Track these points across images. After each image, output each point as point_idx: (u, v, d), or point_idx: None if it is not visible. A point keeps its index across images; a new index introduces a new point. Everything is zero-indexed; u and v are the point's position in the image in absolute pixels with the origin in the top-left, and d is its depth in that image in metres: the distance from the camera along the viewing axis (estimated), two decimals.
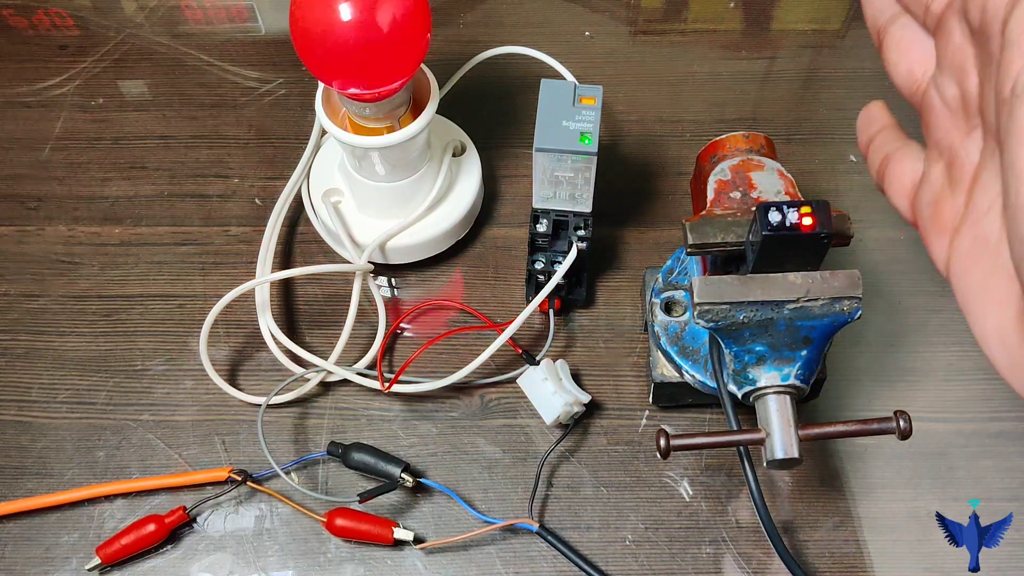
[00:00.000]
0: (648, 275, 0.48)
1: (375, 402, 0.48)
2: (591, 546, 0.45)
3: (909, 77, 0.32)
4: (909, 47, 0.32)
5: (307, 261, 0.53)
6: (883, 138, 0.35)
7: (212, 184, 0.56)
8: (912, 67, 0.31)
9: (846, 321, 0.37)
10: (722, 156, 0.43)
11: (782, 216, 0.34)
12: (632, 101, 0.59)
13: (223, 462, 0.47)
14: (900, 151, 0.33)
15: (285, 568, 0.44)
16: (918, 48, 0.31)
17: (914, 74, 0.31)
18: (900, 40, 0.32)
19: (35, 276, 0.53)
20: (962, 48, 0.28)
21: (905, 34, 0.32)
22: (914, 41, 0.31)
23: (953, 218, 0.29)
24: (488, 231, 0.54)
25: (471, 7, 0.64)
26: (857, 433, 0.38)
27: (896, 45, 0.32)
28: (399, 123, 0.47)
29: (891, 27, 0.32)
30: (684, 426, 0.48)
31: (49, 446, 0.47)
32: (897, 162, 0.33)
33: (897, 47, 0.32)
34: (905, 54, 0.32)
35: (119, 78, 0.61)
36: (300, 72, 0.60)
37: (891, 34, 0.32)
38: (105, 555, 0.43)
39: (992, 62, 0.26)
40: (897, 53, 0.32)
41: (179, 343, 0.50)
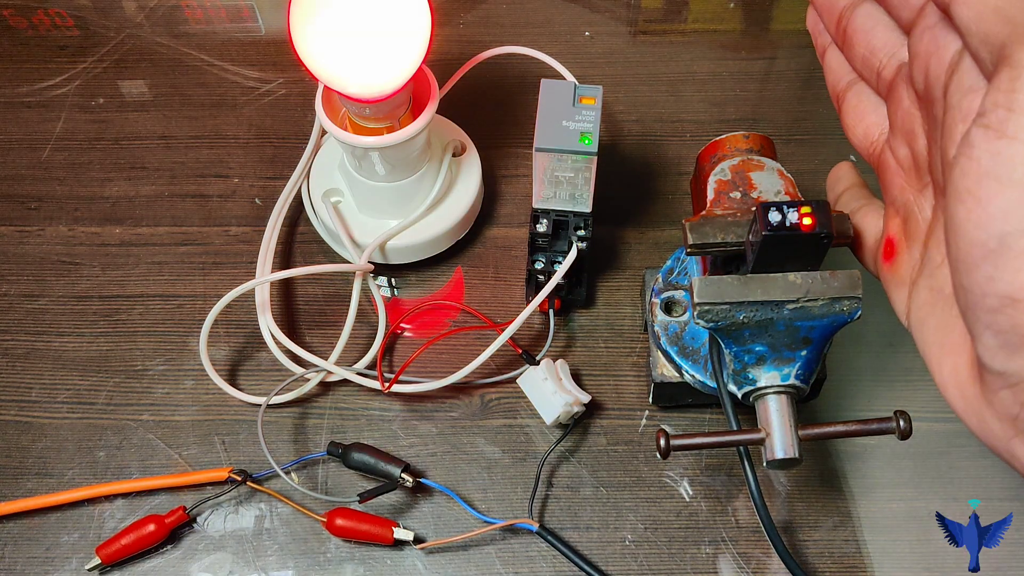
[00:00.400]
0: (648, 275, 0.48)
1: (375, 402, 0.48)
2: (591, 546, 0.45)
3: (866, 139, 0.34)
4: (864, 112, 0.34)
5: (307, 261, 0.53)
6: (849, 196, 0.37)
7: (212, 184, 0.56)
8: (868, 130, 0.34)
9: (846, 321, 0.37)
10: (722, 156, 0.43)
11: (782, 216, 0.34)
12: (632, 101, 0.59)
13: (223, 462, 0.47)
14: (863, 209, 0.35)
15: (285, 568, 0.44)
16: (872, 112, 0.33)
17: (870, 136, 0.34)
18: (856, 106, 0.34)
19: (35, 276, 0.53)
20: (910, 112, 0.30)
21: (860, 100, 0.34)
22: (868, 106, 0.34)
23: (911, 271, 0.31)
24: (488, 231, 0.54)
25: (471, 7, 0.64)
26: (857, 433, 0.38)
27: (853, 110, 0.34)
28: (399, 123, 0.47)
29: (848, 93, 0.34)
30: (684, 426, 0.48)
31: (49, 446, 0.47)
32: (861, 218, 0.35)
33: (854, 112, 0.34)
34: (861, 118, 0.34)
35: (119, 78, 0.61)
36: (300, 72, 0.60)
37: (848, 100, 0.34)
38: (105, 555, 0.43)
39: (937, 125, 0.28)
40: (854, 118, 0.34)
41: (179, 343, 0.50)
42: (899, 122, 0.31)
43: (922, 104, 0.30)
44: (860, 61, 0.33)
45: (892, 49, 0.31)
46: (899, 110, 0.31)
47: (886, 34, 0.32)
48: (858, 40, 0.33)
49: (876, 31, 0.32)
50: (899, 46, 0.31)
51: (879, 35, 0.32)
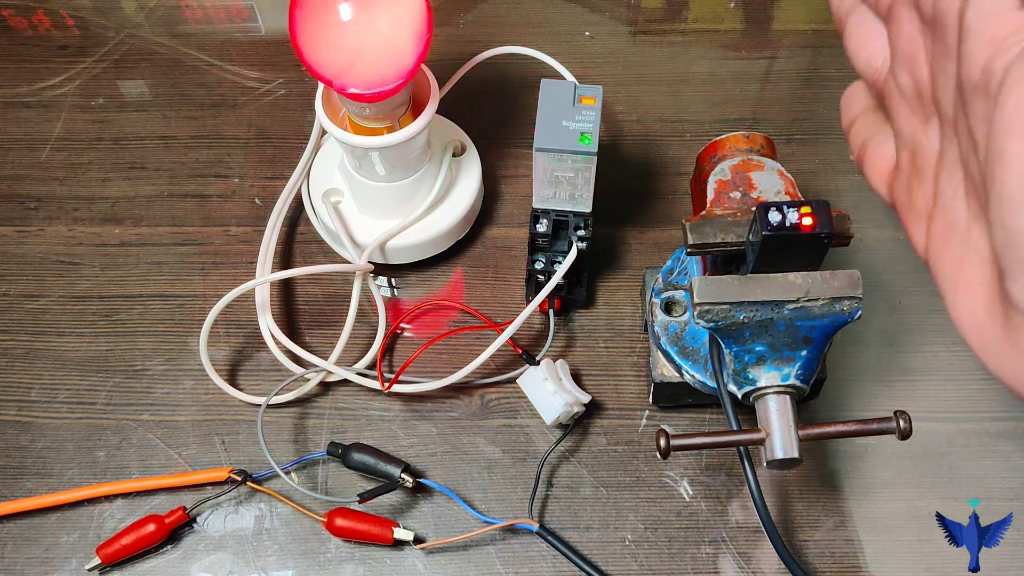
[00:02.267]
0: (648, 275, 0.48)
1: (375, 402, 0.48)
2: (591, 546, 0.45)
3: (869, 66, 0.32)
4: (867, 36, 0.32)
5: (307, 261, 0.53)
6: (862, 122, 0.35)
7: (212, 184, 0.56)
8: (871, 56, 0.32)
9: (846, 321, 0.37)
10: (722, 156, 0.43)
11: (782, 216, 0.34)
12: (632, 101, 0.59)
13: (223, 462, 0.47)
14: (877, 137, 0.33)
15: (285, 568, 0.44)
16: (875, 37, 0.32)
17: (873, 63, 0.32)
18: (858, 30, 0.32)
19: (35, 276, 0.53)
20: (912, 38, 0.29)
21: (862, 24, 0.32)
22: (870, 31, 0.32)
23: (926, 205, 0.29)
24: (488, 231, 0.54)
25: (471, 7, 0.64)
26: (857, 433, 0.38)
27: (855, 34, 0.32)
28: (399, 123, 0.47)
29: (850, 18, 0.33)
30: (684, 426, 0.48)
31: (49, 446, 0.47)
32: (874, 147, 0.33)
33: (856, 36, 0.32)
34: (863, 43, 0.32)
35: (119, 78, 0.61)
36: (300, 72, 0.60)
37: (850, 25, 0.33)
38: (105, 555, 0.43)
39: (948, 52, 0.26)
40: (856, 43, 0.32)
41: (179, 343, 0.50)
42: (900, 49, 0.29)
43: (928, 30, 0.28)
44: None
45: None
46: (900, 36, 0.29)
47: None
48: None
49: None
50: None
51: None
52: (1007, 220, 0.23)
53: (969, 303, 0.27)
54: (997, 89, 0.23)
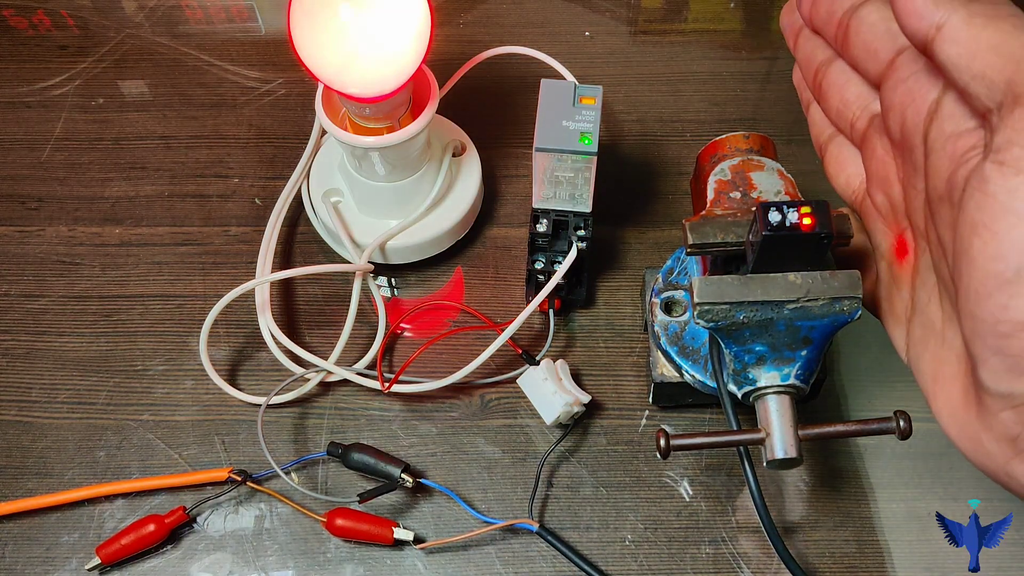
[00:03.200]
0: (648, 275, 0.48)
1: (375, 402, 0.48)
2: (591, 546, 0.45)
3: (847, 188, 0.36)
4: (844, 162, 0.36)
5: (307, 261, 0.53)
6: None
7: (212, 184, 0.56)
8: (849, 179, 0.36)
9: (846, 321, 0.37)
10: (722, 156, 0.43)
11: (782, 216, 0.34)
12: (632, 101, 0.59)
13: (223, 462, 0.47)
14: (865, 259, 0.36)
15: (285, 568, 0.44)
16: (851, 163, 0.35)
17: (851, 185, 0.35)
18: (836, 156, 0.36)
19: (36, 276, 0.53)
20: (884, 161, 0.32)
21: (840, 151, 0.36)
22: (848, 156, 0.35)
23: (904, 310, 0.33)
24: (488, 231, 0.54)
25: (471, 7, 0.64)
26: (857, 433, 0.38)
27: (834, 161, 0.36)
28: (399, 123, 0.47)
29: (829, 145, 0.36)
30: (684, 426, 0.48)
31: (49, 446, 0.47)
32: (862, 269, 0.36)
33: (835, 162, 0.36)
34: (842, 168, 0.36)
35: (119, 78, 0.61)
36: (300, 72, 0.60)
37: (829, 151, 0.36)
38: (105, 555, 0.43)
39: (916, 170, 0.29)
40: (835, 167, 0.36)
41: (179, 343, 0.50)
42: (874, 170, 0.33)
43: (898, 152, 0.31)
44: (835, 113, 0.35)
45: (864, 102, 0.33)
46: (873, 159, 0.33)
47: (858, 88, 0.33)
48: (832, 94, 0.34)
49: (848, 86, 0.34)
50: (870, 99, 0.33)
51: (851, 89, 0.34)
52: (974, 310, 0.25)
53: (947, 396, 0.29)
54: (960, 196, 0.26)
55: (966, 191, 0.26)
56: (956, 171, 0.26)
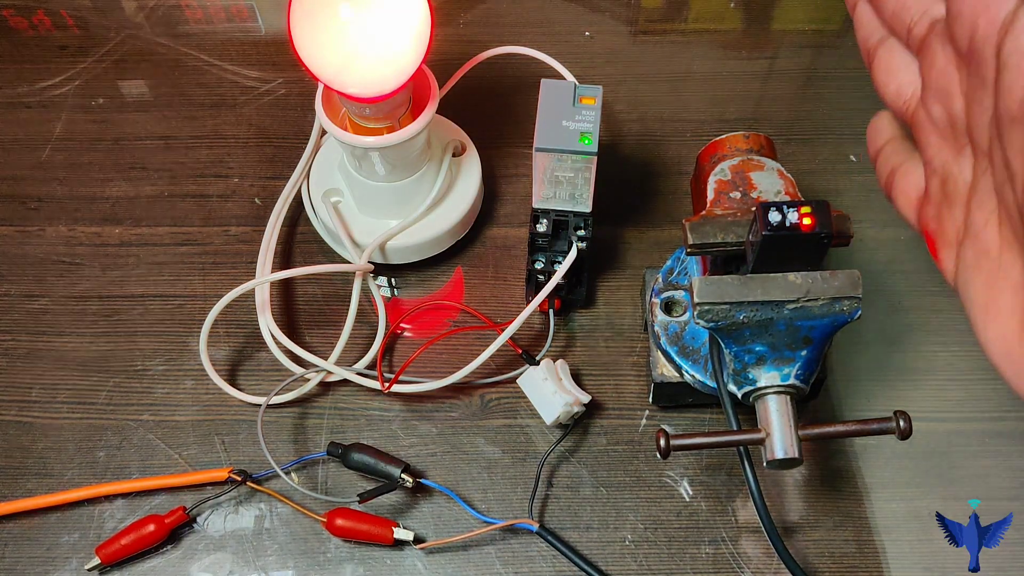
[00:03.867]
0: (648, 275, 0.48)
1: (375, 402, 0.48)
2: (591, 546, 0.45)
3: (898, 97, 0.33)
4: (896, 68, 0.33)
5: (307, 261, 0.53)
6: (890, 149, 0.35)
7: (212, 184, 0.56)
8: (900, 88, 0.33)
9: (846, 321, 0.37)
10: (722, 156, 0.43)
11: (782, 216, 0.34)
12: (632, 101, 0.59)
13: (223, 462, 0.47)
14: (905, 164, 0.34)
15: (285, 568, 0.44)
16: (905, 69, 0.32)
17: (903, 95, 0.33)
18: (888, 62, 0.33)
19: (36, 276, 0.53)
20: (946, 71, 0.29)
21: (892, 56, 0.33)
22: (901, 63, 0.33)
23: (956, 232, 0.30)
24: (488, 231, 0.54)
25: (471, 7, 0.64)
26: (857, 433, 0.38)
27: (884, 67, 0.33)
28: (399, 123, 0.47)
29: (879, 49, 0.33)
30: (684, 426, 0.48)
31: (49, 446, 0.47)
32: (903, 175, 0.34)
33: (885, 69, 0.33)
34: (893, 75, 0.33)
35: (119, 78, 0.61)
36: (300, 72, 0.60)
37: (879, 56, 0.33)
38: (105, 555, 0.43)
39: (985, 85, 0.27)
40: (886, 74, 0.33)
41: (179, 343, 0.50)
42: (933, 81, 0.30)
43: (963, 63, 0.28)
44: (890, 15, 0.32)
45: (925, 5, 0.31)
46: (933, 69, 0.30)
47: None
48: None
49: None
50: (932, 1, 0.30)
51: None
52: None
53: (1000, 329, 0.27)
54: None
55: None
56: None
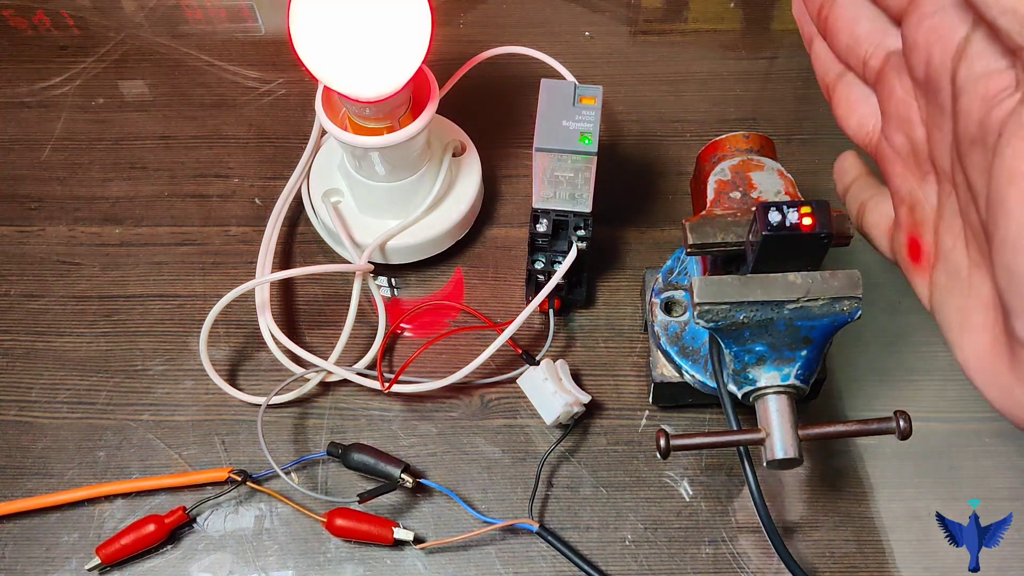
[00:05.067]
0: (648, 275, 0.48)
1: (375, 402, 0.48)
2: (591, 546, 0.45)
3: (860, 130, 0.34)
4: (855, 102, 0.34)
5: (307, 261, 0.53)
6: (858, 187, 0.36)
7: (212, 184, 0.56)
8: (861, 120, 0.33)
9: (846, 321, 0.37)
10: (722, 156, 0.43)
11: (782, 216, 0.34)
12: (632, 101, 0.59)
13: (223, 462, 0.47)
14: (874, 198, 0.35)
15: (285, 568, 0.44)
16: (864, 102, 0.33)
17: (864, 127, 0.33)
18: (847, 96, 0.34)
19: (36, 276, 0.53)
20: (904, 101, 0.30)
21: (850, 90, 0.34)
22: (859, 96, 0.33)
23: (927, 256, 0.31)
24: (488, 231, 0.54)
25: (471, 7, 0.64)
26: (857, 433, 0.38)
27: (844, 101, 0.34)
28: (399, 123, 0.47)
29: (838, 84, 0.34)
30: (684, 426, 0.48)
31: (49, 446, 0.47)
32: (872, 208, 0.35)
33: (845, 103, 0.34)
34: (853, 109, 0.34)
35: (119, 78, 0.61)
36: (300, 72, 0.60)
37: (838, 91, 0.34)
38: (105, 555, 0.43)
39: (943, 111, 0.28)
40: (846, 108, 0.34)
41: (179, 343, 0.50)
42: (893, 111, 0.31)
43: (921, 92, 0.29)
44: (845, 51, 0.33)
45: (877, 38, 0.31)
46: (892, 99, 0.31)
47: (870, 23, 0.31)
48: (840, 29, 0.32)
49: (859, 20, 0.32)
50: (884, 35, 0.31)
51: (862, 24, 0.31)
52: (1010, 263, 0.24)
53: (974, 345, 0.28)
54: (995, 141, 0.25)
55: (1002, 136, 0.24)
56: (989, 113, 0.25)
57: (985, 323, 0.28)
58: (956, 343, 0.29)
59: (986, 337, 0.27)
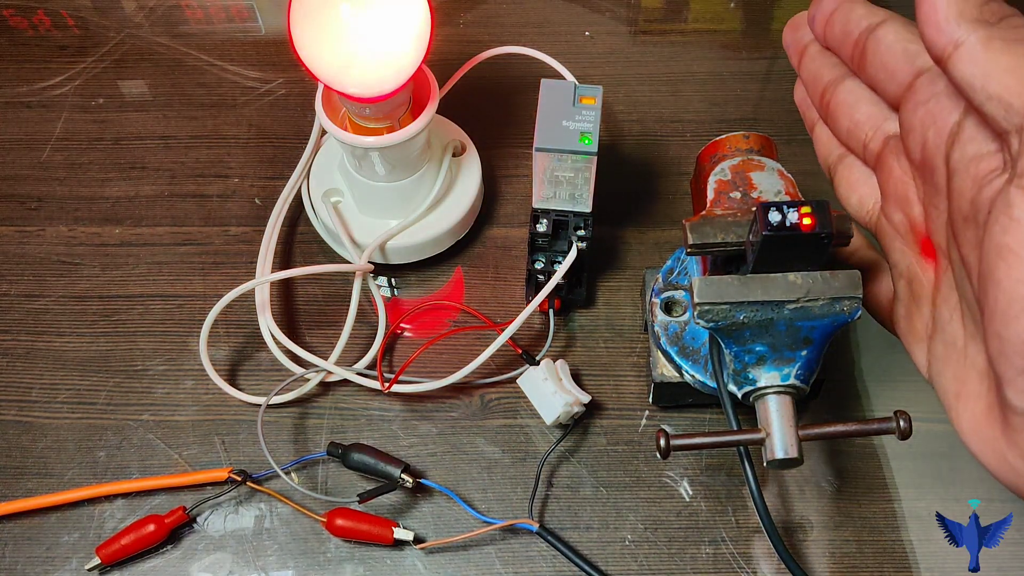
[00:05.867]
0: (648, 275, 0.48)
1: (375, 402, 0.48)
2: (591, 546, 0.45)
3: (861, 208, 0.35)
4: (856, 183, 0.35)
5: (307, 261, 0.53)
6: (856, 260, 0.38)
7: (212, 184, 0.56)
8: (862, 200, 0.35)
9: (846, 321, 0.37)
10: (722, 156, 0.43)
11: (782, 216, 0.34)
12: (632, 101, 0.59)
13: (223, 462, 0.47)
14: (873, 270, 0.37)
15: (285, 568, 0.44)
16: (864, 183, 0.35)
17: (864, 206, 0.35)
18: (847, 177, 0.36)
19: (36, 276, 0.53)
20: (903, 181, 0.32)
21: (851, 171, 0.35)
22: (860, 177, 0.35)
23: (925, 328, 0.32)
24: (488, 231, 0.54)
25: (471, 7, 0.64)
26: (857, 433, 0.38)
27: (845, 182, 0.36)
28: (399, 123, 0.47)
29: (839, 166, 0.36)
30: (684, 426, 0.48)
31: (49, 446, 0.47)
32: (872, 281, 0.36)
33: (846, 183, 0.36)
34: (854, 189, 0.35)
35: (119, 78, 0.61)
36: (300, 72, 0.60)
37: (839, 172, 0.36)
38: (105, 555, 0.43)
39: (939, 191, 0.30)
40: (847, 188, 0.36)
41: (179, 343, 0.50)
42: (892, 191, 0.33)
43: (918, 172, 0.31)
44: (845, 134, 0.34)
45: (876, 122, 0.33)
46: (891, 179, 0.33)
47: (869, 108, 0.33)
48: (841, 114, 0.34)
49: (859, 105, 0.33)
50: (882, 120, 0.33)
51: (862, 109, 0.33)
52: (1000, 331, 0.26)
53: (970, 413, 0.29)
54: (985, 218, 0.26)
55: (991, 214, 0.26)
56: (980, 192, 0.27)
57: (980, 391, 0.29)
58: (953, 410, 0.30)
59: (981, 405, 0.29)
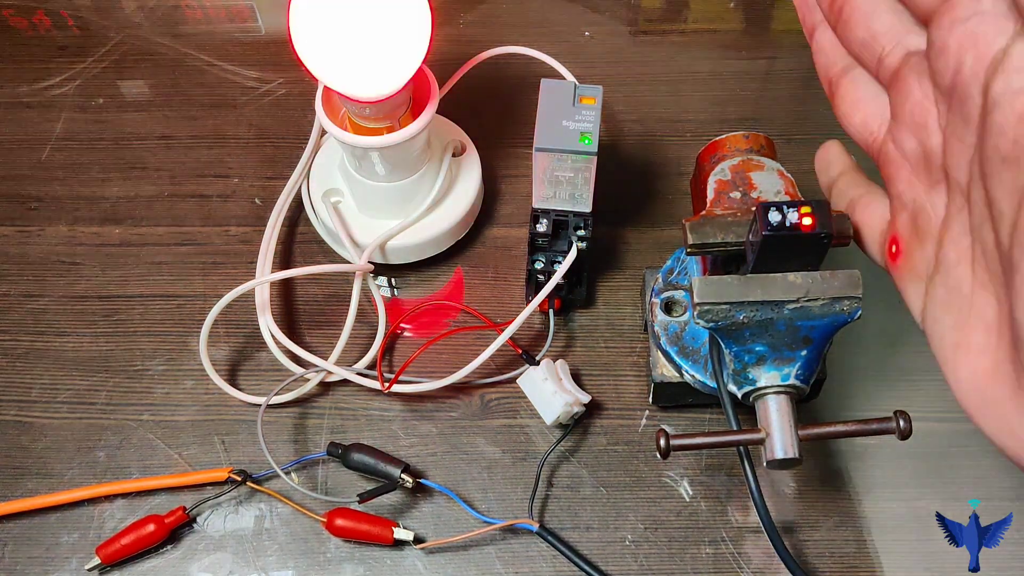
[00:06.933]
0: (648, 275, 0.48)
1: (375, 402, 0.48)
2: (591, 546, 0.45)
3: (864, 129, 0.32)
4: (862, 100, 0.32)
5: (307, 261, 0.53)
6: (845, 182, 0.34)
7: (212, 184, 0.56)
8: (867, 120, 0.32)
9: (846, 321, 0.37)
10: (722, 156, 0.43)
11: (782, 216, 0.34)
12: (632, 101, 0.59)
13: (223, 462, 0.47)
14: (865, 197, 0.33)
15: (285, 568, 0.44)
16: (872, 101, 0.31)
17: (869, 127, 0.31)
18: (852, 93, 0.32)
19: (35, 276, 0.53)
20: (922, 105, 0.28)
21: (858, 87, 0.32)
22: (867, 94, 0.32)
23: (926, 267, 0.29)
24: (488, 231, 0.54)
25: (471, 7, 0.64)
26: (857, 433, 0.38)
27: (849, 98, 0.32)
28: (399, 123, 0.47)
29: (843, 79, 0.32)
30: (684, 426, 0.48)
31: (49, 446, 0.47)
32: (864, 208, 0.33)
33: (850, 100, 0.32)
34: (858, 107, 0.32)
35: (119, 78, 0.61)
36: (300, 72, 0.59)
37: (843, 86, 0.32)
38: (105, 555, 0.43)
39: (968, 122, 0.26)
40: (850, 105, 0.32)
41: (179, 343, 0.50)
42: (907, 114, 0.29)
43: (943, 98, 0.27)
44: (858, 45, 0.31)
45: (898, 35, 0.29)
46: (907, 102, 0.29)
47: (891, 17, 0.29)
48: (857, 22, 0.30)
49: (879, 14, 0.30)
50: (905, 32, 0.29)
51: (882, 18, 0.29)
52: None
53: (971, 368, 0.27)
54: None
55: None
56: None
57: (986, 345, 0.26)
58: (949, 361, 0.28)
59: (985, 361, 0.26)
